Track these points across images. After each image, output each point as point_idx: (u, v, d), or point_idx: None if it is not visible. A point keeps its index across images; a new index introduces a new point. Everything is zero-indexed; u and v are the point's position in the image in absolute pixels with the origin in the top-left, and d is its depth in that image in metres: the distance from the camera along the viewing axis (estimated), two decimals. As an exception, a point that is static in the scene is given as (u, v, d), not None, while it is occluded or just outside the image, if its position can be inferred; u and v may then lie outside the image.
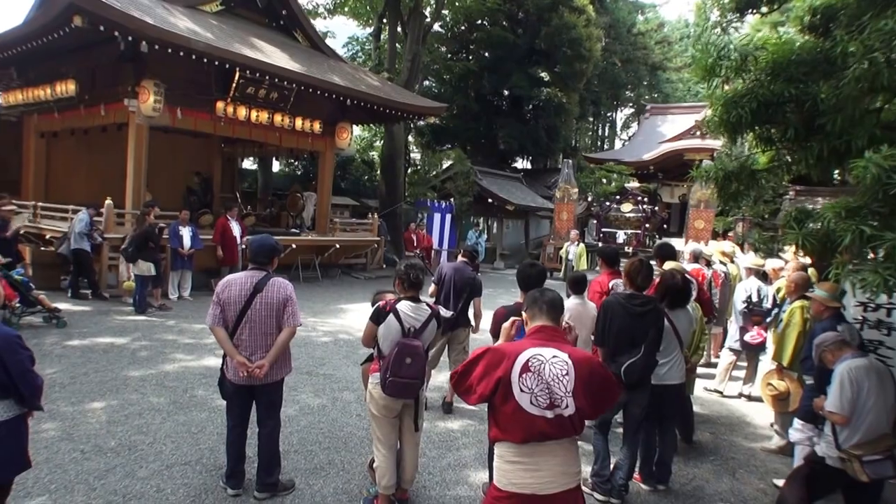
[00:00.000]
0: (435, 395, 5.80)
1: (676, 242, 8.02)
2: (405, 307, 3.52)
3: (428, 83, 26.72)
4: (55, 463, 3.96)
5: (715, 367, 7.38)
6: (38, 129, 12.96)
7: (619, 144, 38.92)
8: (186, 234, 9.79)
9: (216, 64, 10.23)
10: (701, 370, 6.84)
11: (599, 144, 41.71)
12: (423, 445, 4.43)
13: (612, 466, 4.20)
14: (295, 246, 12.10)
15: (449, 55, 27.00)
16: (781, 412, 5.26)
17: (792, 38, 4.06)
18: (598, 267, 6.05)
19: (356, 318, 9.40)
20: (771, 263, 7.28)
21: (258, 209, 16.52)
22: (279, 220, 15.20)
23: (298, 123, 12.70)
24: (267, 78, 11.22)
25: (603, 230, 19.58)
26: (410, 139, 24.41)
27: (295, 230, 13.62)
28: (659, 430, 4.39)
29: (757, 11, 4.53)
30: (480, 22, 25.63)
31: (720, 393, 6.86)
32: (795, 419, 4.27)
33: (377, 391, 3.52)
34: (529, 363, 2.36)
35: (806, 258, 6.03)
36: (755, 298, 6.52)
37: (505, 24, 25.48)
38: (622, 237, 18.86)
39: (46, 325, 7.47)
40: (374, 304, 3.69)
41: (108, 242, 9.67)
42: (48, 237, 10.46)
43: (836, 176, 9.64)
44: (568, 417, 2.34)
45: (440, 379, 6.17)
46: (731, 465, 4.94)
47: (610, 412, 4.19)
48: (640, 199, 19.46)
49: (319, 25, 21.04)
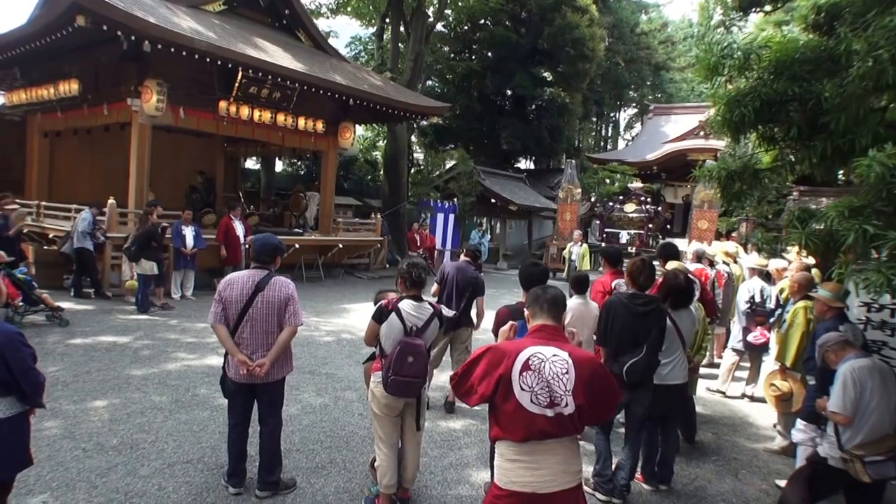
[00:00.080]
0: (437, 394, 5.80)
1: (680, 243, 7.99)
2: (407, 306, 3.52)
3: (431, 83, 26.72)
4: (57, 461, 3.97)
5: (718, 367, 7.36)
6: (41, 128, 13.02)
7: (622, 145, 38.91)
8: (189, 233, 9.81)
9: (219, 63, 10.25)
10: (704, 370, 6.83)
11: (603, 145, 41.66)
12: (424, 445, 4.42)
13: (613, 466, 4.19)
14: (298, 246, 12.11)
15: (452, 55, 26.98)
16: (784, 413, 5.25)
17: (796, 36, 4.04)
18: (601, 267, 6.04)
19: (359, 317, 9.40)
20: (774, 264, 7.25)
21: (261, 209, 16.52)
22: (282, 219, 15.21)
23: (301, 123, 12.72)
24: (270, 77, 11.23)
25: (606, 230, 19.54)
26: (413, 139, 24.44)
27: (298, 230, 13.63)
28: (661, 430, 4.38)
29: (760, 10, 4.51)
30: (483, 22, 25.61)
31: (723, 393, 6.84)
32: (798, 420, 4.26)
33: (379, 390, 3.52)
34: (530, 361, 2.36)
35: (809, 258, 6.01)
36: (758, 299, 6.51)
37: (508, 23, 25.47)
38: (625, 237, 18.82)
39: (49, 323, 7.48)
40: (376, 302, 3.69)
41: (110, 241, 9.71)
42: (51, 236, 10.50)
43: (840, 176, 9.60)
44: (568, 416, 2.33)
45: (442, 378, 6.16)
46: (733, 465, 4.92)
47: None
48: (643, 199, 19.44)
49: (322, 25, 21.07)
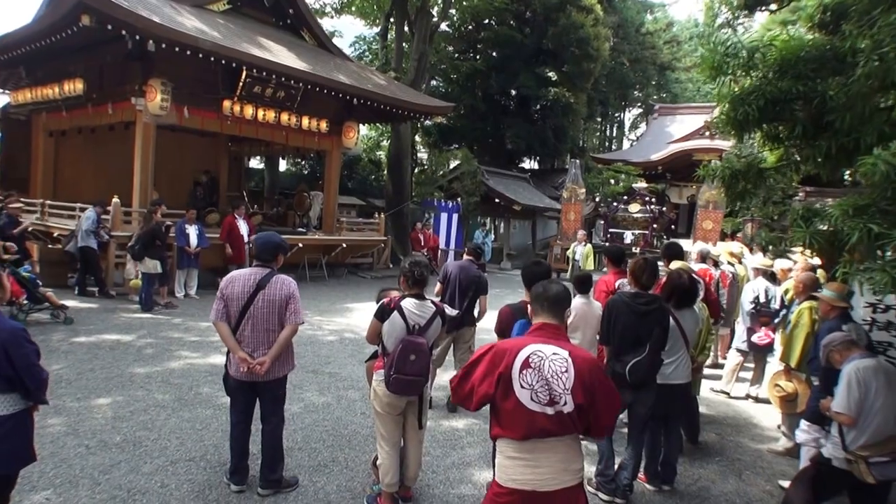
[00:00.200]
0: (440, 393, 5.80)
1: (685, 243, 7.97)
2: (410, 304, 3.52)
3: (435, 83, 26.71)
4: (60, 457, 3.98)
5: (722, 368, 7.33)
6: (46, 127, 13.06)
7: (627, 145, 38.81)
8: (193, 232, 9.84)
9: (223, 63, 10.28)
10: (708, 371, 6.79)
11: (607, 145, 41.58)
12: (427, 444, 4.42)
13: (616, 466, 4.17)
14: (301, 245, 12.12)
15: (456, 54, 26.99)
16: (789, 413, 5.22)
17: (801, 35, 4.02)
18: (605, 268, 6.02)
19: (362, 317, 9.40)
20: (780, 264, 7.22)
21: (265, 208, 16.56)
22: (286, 219, 15.22)
23: (305, 122, 12.73)
24: (274, 77, 11.25)
25: (610, 231, 19.50)
26: (417, 139, 24.43)
27: (301, 229, 13.64)
28: (664, 429, 4.36)
29: (766, 8, 4.49)
30: (488, 21, 25.61)
31: (727, 394, 6.81)
32: (802, 420, 4.23)
33: (381, 388, 3.51)
34: (530, 359, 2.36)
35: (815, 258, 5.97)
36: (763, 299, 6.47)
37: (512, 23, 25.45)
38: (630, 238, 18.78)
39: (53, 321, 7.51)
40: (378, 300, 3.69)
41: (114, 240, 9.75)
42: (56, 235, 10.54)
43: (847, 176, 9.54)
44: (567, 414, 2.32)
45: (445, 378, 6.13)
46: (737, 466, 4.90)
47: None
48: (647, 199, 19.39)
49: (326, 25, 21.06)
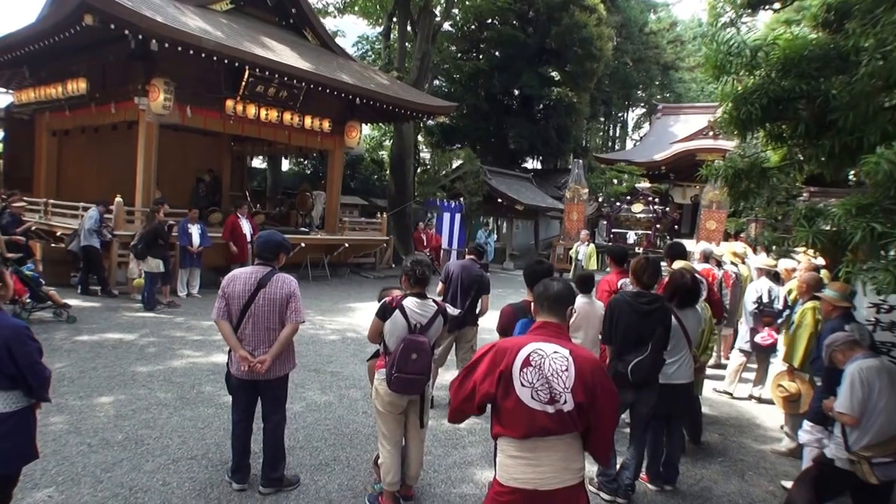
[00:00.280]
0: (442, 393, 5.79)
1: (688, 243, 7.94)
2: (411, 303, 3.52)
3: (438, 82, 26.71)
4: (63, 455, 3.99)
5: (725, 368, 7.32)
6: (49, 127, 13.09)
7: (630, 144, 38.70)
8: (195, 231, 9.86)
9: (226, 62, 10.28)
10: (710, 371, 6.78)
11: (610, 145, 41.49)
12: (428, 443, 4.42)
13: (618, 466, 4.16)
14: (304, 245, 12.13)
15: (459, 54, 26.96)
16: (792, 414, 5.20)
17: (804, 34, 4.00)
18: (608, 268, 6.01)
19: (364, 316, 9.40)
20: (784, 264, 7.20)
21: (267, 208, 16.57)
22: (288, 218, 15.23)
23: (308, 122, 12.74)
24: (276, 76, 11.26)
25: (613, 231, 19.46)
26: (420, 138, 24.40)
27: (304, 229, 13.65)
28: (666, 429, 4.35)
29: (769, 7, 4.46)
30: (490, 21, 25.58)
31: (730, 394, 6.79)
32: (805, 421, 4.22)
33: (383, 387, 3.51)
34: (530, 358, 2.35)
35: (819, 259, 5.95)
36: (766, 299, 6.45)
37: (515, 23, 25.42)
38: (633, 238, 18.75)
39: (56, 320, 7.53)
40: (380, 299, 3.69)
41: (117, 239, 9.77)
42: (59, 234, 10.57)
43: (851, 176, 9.50)
44: (568, 413, 2.32)
45: (447, 377, 6.13)
46: (739, 466, 4.88)
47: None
48: (651, 199, 19.34)
49: (329, 24, 21.08)
